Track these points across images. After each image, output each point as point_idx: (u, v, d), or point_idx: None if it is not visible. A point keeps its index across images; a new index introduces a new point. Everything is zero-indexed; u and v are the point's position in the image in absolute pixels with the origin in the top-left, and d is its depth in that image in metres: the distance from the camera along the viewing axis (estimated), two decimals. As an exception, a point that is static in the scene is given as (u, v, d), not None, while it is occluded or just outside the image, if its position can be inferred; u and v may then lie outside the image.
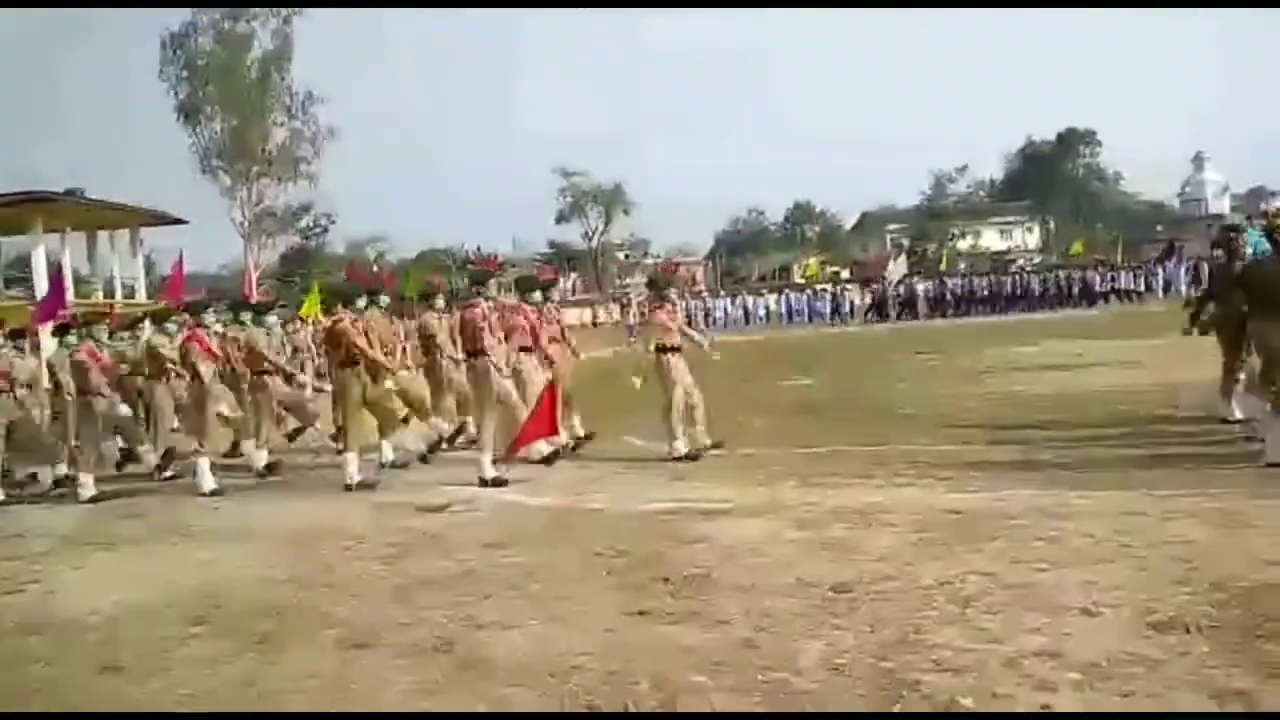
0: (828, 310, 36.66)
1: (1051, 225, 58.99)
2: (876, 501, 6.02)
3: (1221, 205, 61.38)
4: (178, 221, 29.86)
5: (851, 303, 36.71)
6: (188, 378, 8.79)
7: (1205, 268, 35.22)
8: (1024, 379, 12.26)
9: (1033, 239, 60.44)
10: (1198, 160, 63.35)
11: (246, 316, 9.55)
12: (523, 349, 8.54)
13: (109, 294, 27.75)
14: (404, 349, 9.37)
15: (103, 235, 29.12)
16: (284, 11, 37.09)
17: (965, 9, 75.93)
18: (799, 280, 44.45)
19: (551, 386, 7.75)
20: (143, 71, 46.48)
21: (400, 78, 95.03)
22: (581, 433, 9.07)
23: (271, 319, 9.71)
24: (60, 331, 9.58)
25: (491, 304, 8.34)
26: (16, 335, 10.25)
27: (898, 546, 4.97)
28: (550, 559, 5.27)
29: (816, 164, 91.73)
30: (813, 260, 49.12)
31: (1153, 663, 3.30)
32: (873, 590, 4.28)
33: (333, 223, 49.91)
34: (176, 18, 37.19)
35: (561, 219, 57.18)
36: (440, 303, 9.56)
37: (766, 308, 38.38)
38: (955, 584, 4.27)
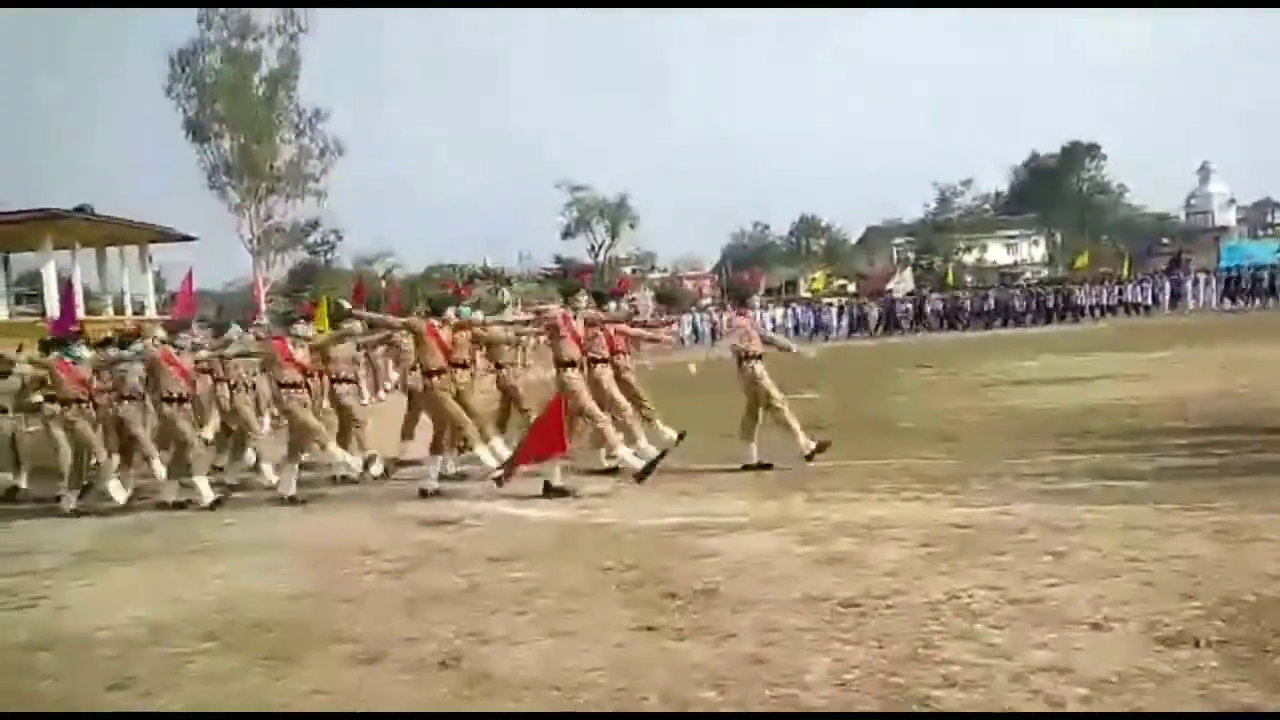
0: (834, 324, 36.62)
1: (1057, 238, 58.98)
2: (883, 516, 6.01)
3: (1227, 218, 61.38)
4: (187, 238, 30.01)
5: (856, 317, 36.68)
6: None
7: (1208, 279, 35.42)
8: (1027, 393, 12.24)
9: (1038, 252, 60.42)
10: (1203, 172, 63.39)
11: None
12: (598, 360, 8.41)
13: (119, 310, 27.86)
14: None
15: (112, 252, 29.25)
16: (291, 28, 37.35)
17: (973, 11, 76.38)
18: (804, 294, 44.44)
19: (558, 400, 7.75)
20: (151, 88, 46.65)
21: (406, 93, 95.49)
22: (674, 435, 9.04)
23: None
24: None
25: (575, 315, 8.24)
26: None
27: (905, 561, 4.96)
28: (558, 574, 5.27)
29: (823, 178, 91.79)
30: (819, 274, 49.12)
31: (1162, 678, 3.29)
32: (880, 605, 4.27)
33: (340, 239, 50.13)
34: (184, 34, 37.50)
35: (568, 233, 57.33)
36: (508, 313, 9.75)
37: (773, 320, 38.38)
38: (963, 598, 4.26)
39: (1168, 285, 36.24)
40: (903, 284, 38.56)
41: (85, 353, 9.19)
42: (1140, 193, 60.37)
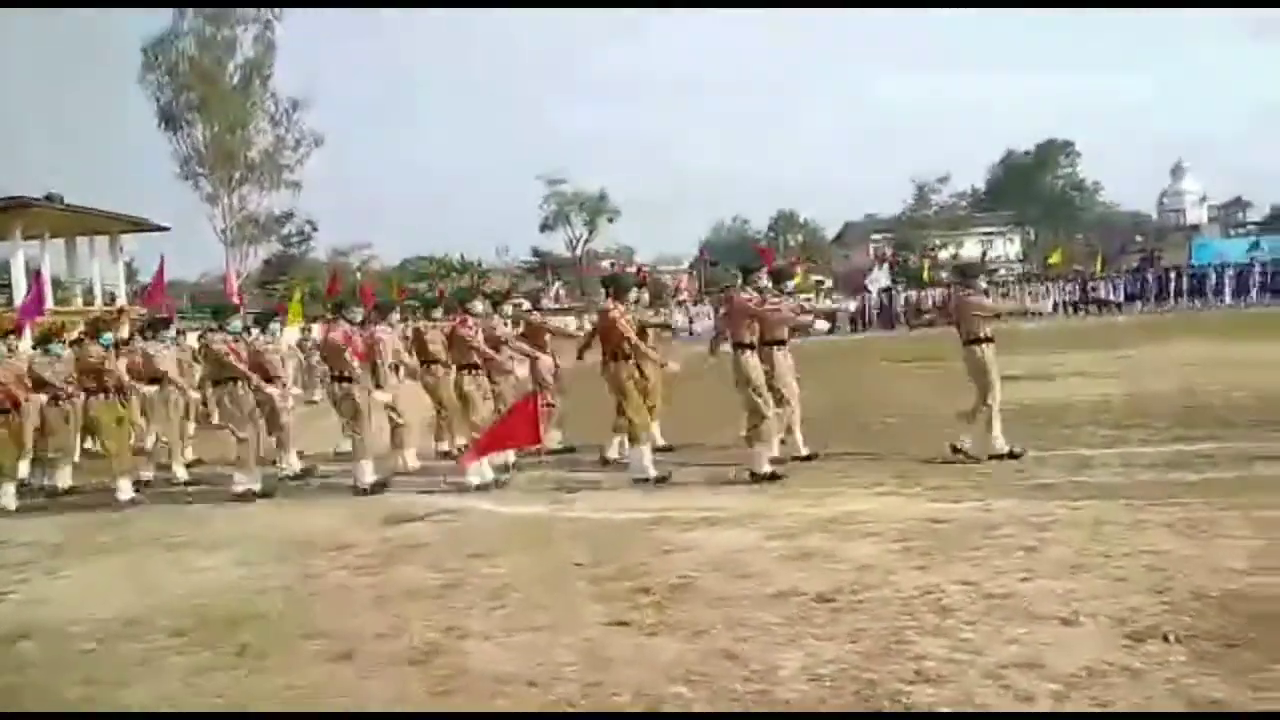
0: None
1: (1032, 235, 59.47)
2: (859, 510, 6.03)
3: (1199, 215, 62.13)
4: (159, 228, 29.70)
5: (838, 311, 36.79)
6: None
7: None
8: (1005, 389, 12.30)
9: (1013, 249, 60.88)
10: (1176, 170, 64.12)
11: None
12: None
13: (89, 301, 27.52)
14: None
15: (82, 241, 28.90)
16: (266, 16, 36.99)
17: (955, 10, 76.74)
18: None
19: (533, 394, 7.72)
20: (124, 77, 46.10)
21: (384, 84, 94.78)
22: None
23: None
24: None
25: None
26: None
27: (880, 556, 4.98)
28: (531, 569, 5.25)
29: (801, 173, 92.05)
30: (798, 269, 49.20)
31: (1132, 672, 3.32)
32: (854, 600, 4.29)
33: (315, 230, 49.78)
34: (158, 22, 37.09)
35: (545, 227, 57.25)
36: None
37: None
38: (937, 594, 4.28)
39: (1140, 283, 36.63)
40: (879, 280, 38.72)
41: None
42: (1114, 190, 61.03)
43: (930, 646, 3.67)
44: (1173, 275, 36.56)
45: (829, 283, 49.10)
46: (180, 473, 9.57)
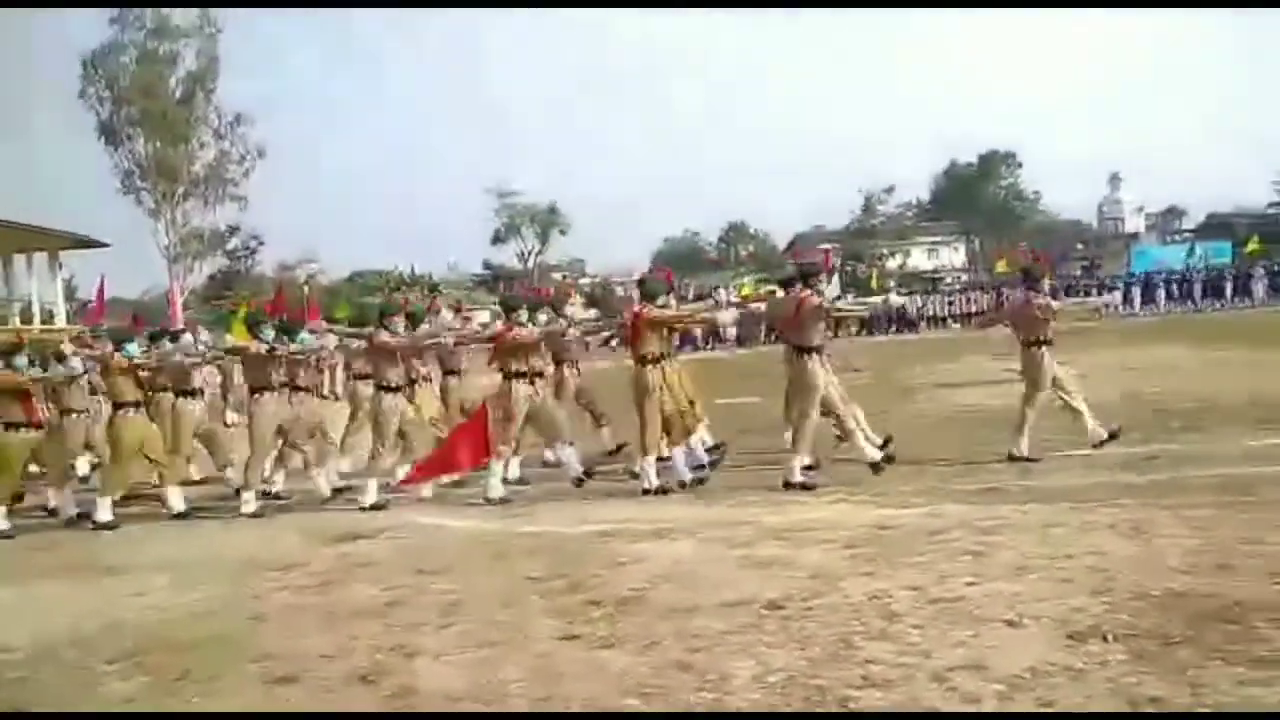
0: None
1: (977, 244, 60.53)
2: (809, 518, 6.07)
3: (1137, 224, 63.79)
4: (99, 244, 29.06)
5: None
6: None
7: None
8: (952, 395, 12.51)
9: (959, 258, 61.91)
10: (1113, 180, 65.78)
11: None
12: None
13: (26, 319, 26.81)
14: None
15: (19, 259, 28.16)
16: (210, 29, 36.45)
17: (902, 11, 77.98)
18: (735, 299, 44.68)
19: (483, 409, 7.66)
20: (62, 91, 45.11)
21: (333, 96, 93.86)
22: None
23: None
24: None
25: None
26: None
27: (829, 563, 5.01)
28: (481, 585, 5.20)
29: (752, 184, 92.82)
30: (747, 280, 49.54)
31: (1074, 672, 3.37)
32: (804, 607, 4.31)
33: (261, 245, 49.05)
34: (96, 36, 36.34)
35: (497, 239, 57.03)
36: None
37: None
38: (884, 599, 4.32)
39: (1082, 289, 37.46)
40: (830, 290, 39.23)
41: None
42: (1055, 198, 62.39)
43: (878, 651, 3.70)
44: (1110, 282, 37.49)
45: (780, 293, 49.52)
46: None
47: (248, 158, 37.82)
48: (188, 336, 10.00)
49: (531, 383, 7.80)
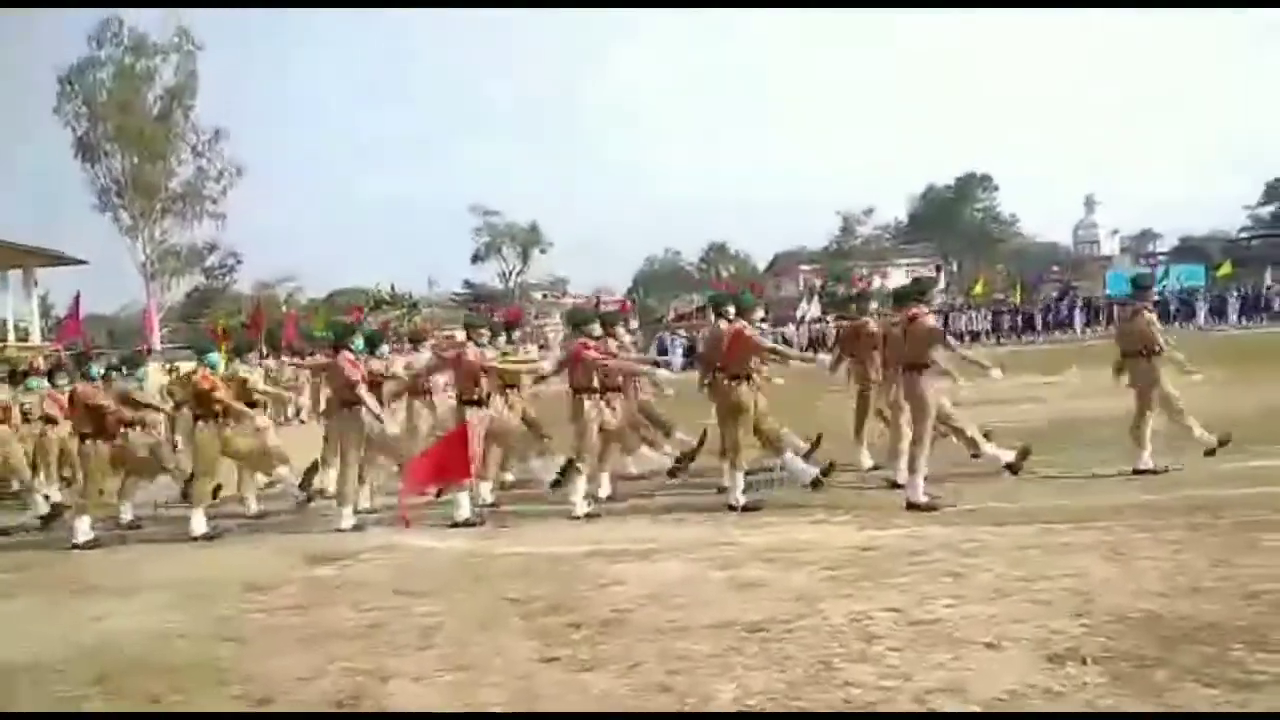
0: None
1: (955, 266, 61.04)
2: (790, 540, 6.08)
3: (1113, 247, 64.56)
4: (76, 261, 28.79)
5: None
6: None
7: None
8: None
9: (938, 279, 62.41)
10: (1088, 203, 66.63)
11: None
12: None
13: (1, 335, 26.49)
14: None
15: (-7, 275, 27.85)
16: (188, 45, 36.37)
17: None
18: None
19: (463, 427, 7.62)
20: (40, 107, 44.81)
21: (311, 113, 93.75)
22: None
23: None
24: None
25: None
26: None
27: (810, 585, 5.02)
28: (460, 606, 5.17)
29: (733, 205, 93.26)
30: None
31: (1052, 695, 3.39)
32: (785, 630, 4.31)
33: (239, 262, 48.75)
34: (74, 52, 36.16)
35: (478, 258, 56.92)
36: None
37: (684, 345, 38.52)
38: (864, 621, 4.33)
39: (1057, 312, 37.89)
40: (809, 311, 39.30)
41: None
42: (1032, 222, 63.13)
43: (858, 674, 3.71)
44: (1081, 304, 37.93)
45: (761, 312, 49.71)
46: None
47: (226, 174, 37.69)
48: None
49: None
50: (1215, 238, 54.09)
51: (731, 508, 7.24)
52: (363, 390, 7.88)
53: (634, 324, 9.13)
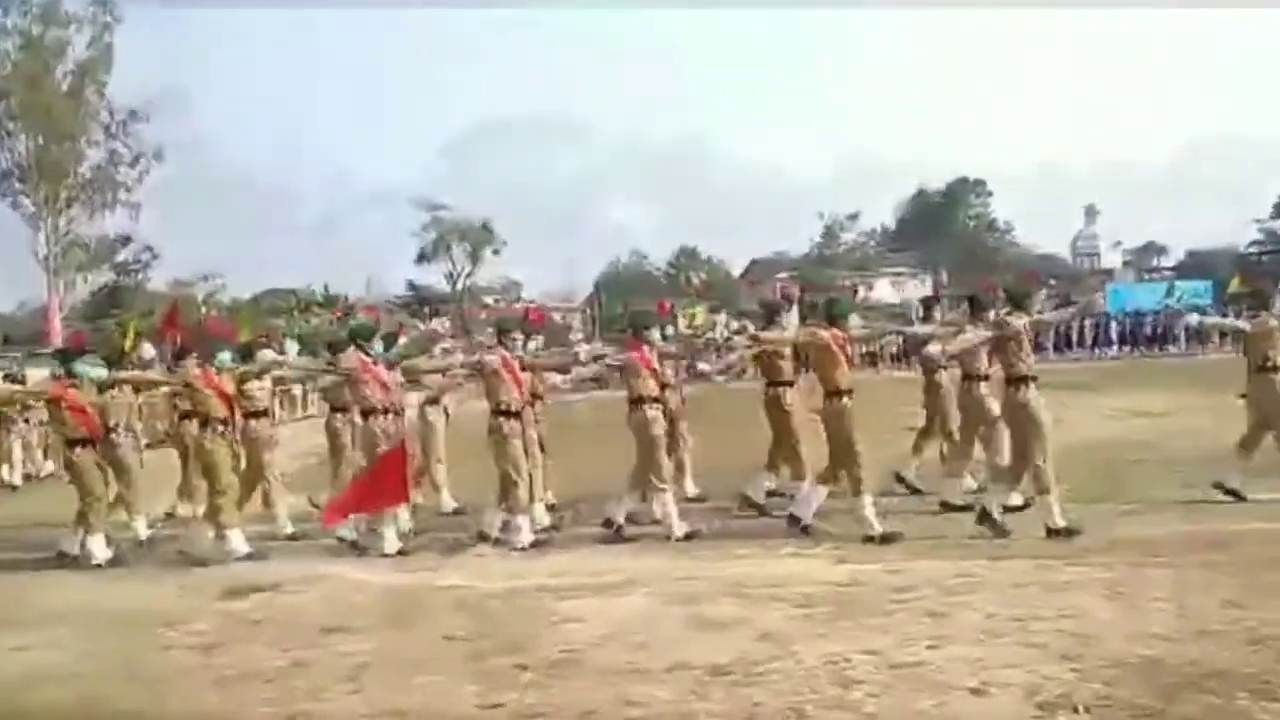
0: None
1: (944, 277, 61.73)
2: (760, 573, 6.09)
3: (1114, 259, 65.58)
4: (-34, 253, 28.25)
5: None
6: None
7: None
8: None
9: (924, 291, 63.03)
10: (1089, 213, 67.67)
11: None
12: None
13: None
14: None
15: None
16: (104, 17, 35.88)
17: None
18: (685, 330, 44.85)
19: (401, 446, 7.55)
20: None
21: (237, 97, 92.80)
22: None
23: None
24: None
25: None
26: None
27: (781, 623, 5.02)
28: (395, 645, 5.11)
29: (700, 208, 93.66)
30: (699, 309, 49.66)
31: (1043, 746, 3.41)
32: (753, 672, 4.31)
33: (155, 258, 48.01)
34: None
35: (423, 258, 56.50)
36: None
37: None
38: (840, 664, 4.33)
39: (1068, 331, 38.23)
40: (790, 322, 39.54)
41: None
42: (1026, 232, 63.98)
43: (833, 723, 3.71)
44: (1088, 323, 38.25)
45: (736, 325, 49.87)
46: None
47: (142, 159, 37.16)
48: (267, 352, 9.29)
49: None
50: (1223, 251, 55.18)
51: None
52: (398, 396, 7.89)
53: (668, 329, 8.95)
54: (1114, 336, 36.71)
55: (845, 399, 7.24)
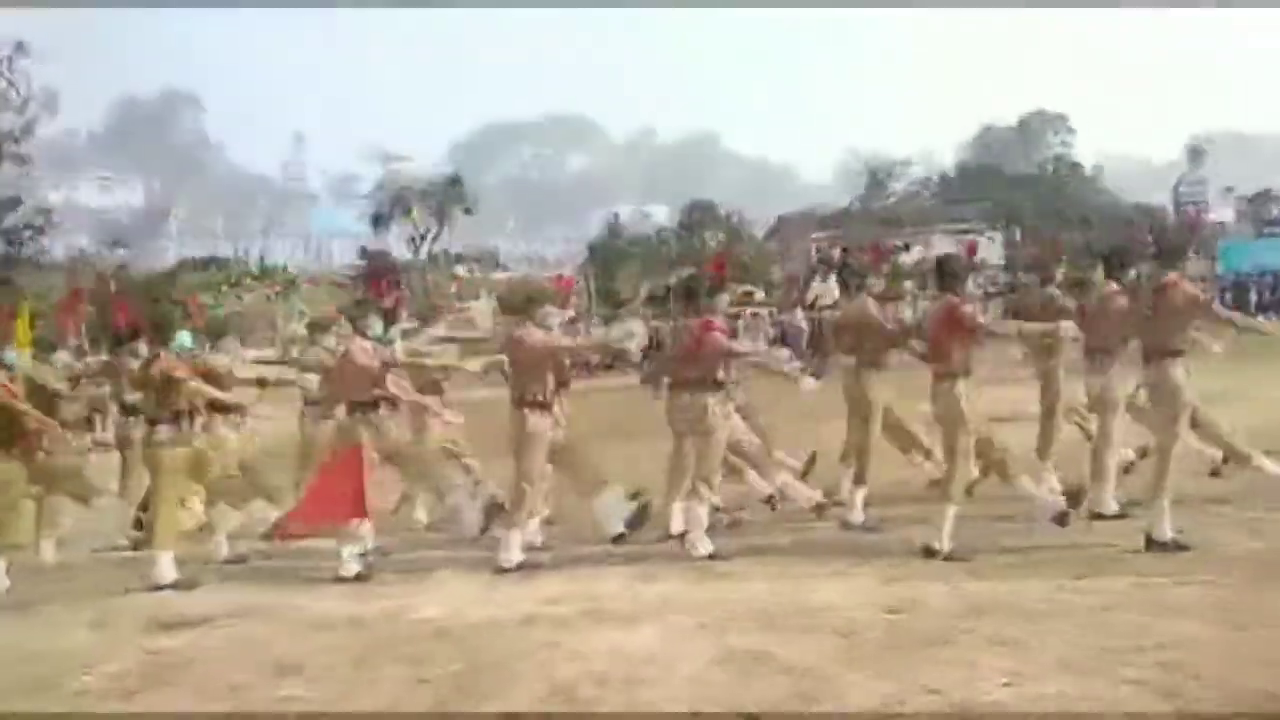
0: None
1: (1017, 234, 61.50)
2: (792, 596, 6.13)
3: (1225, 211, 65.21)
4: None
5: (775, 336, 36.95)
6: None
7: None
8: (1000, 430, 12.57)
9: (995, 251, 62.75)
10: (1195, 154, 67.20)
11: None
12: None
13: None
14: None
15: None
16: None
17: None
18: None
19: (357, 450, 7.56)
20: None
21: (158, 31, 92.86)
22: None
23: None
24: None
25: None
26: None
27: (820, 657, 5.05)
28: (356, 689, 5.17)
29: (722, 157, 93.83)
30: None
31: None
32: (789, 718, 4.34)
33: (53, 225, 48.02)
34: None
35: (379, 221, 56.42)
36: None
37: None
38: (895, 706, 4.36)
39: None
40: (827, 292, 39.11)
41: None
42: (1118, 176, 63.74)
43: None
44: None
45: (761, 294, 49.64)
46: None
47: (31, 104, 37.16)
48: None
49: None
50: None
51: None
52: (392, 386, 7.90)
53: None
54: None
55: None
